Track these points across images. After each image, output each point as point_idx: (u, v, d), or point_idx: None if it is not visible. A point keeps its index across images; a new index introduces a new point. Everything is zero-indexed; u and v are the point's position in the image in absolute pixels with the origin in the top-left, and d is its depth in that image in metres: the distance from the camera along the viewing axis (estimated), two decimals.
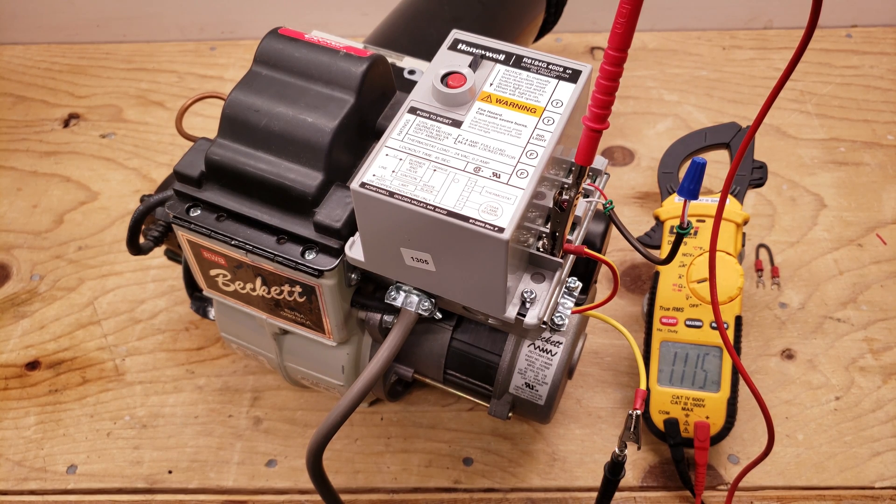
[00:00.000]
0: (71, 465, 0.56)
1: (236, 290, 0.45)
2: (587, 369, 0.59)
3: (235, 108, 0.41)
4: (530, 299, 0.37)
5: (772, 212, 0.68)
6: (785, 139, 0.74)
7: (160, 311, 0.63)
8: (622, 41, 0.29)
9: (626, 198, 0.70)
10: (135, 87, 0.81)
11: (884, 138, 0.73)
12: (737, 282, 0.52)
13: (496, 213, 0.33)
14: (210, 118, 0.75)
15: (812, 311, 0.62)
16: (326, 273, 0.39)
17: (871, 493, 0.53)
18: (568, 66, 0.39)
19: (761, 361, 0.59)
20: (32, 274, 0.66)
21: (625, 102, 0.77)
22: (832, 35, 0.83)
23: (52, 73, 0.84)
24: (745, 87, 0.78)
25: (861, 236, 0.66)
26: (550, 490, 0.54)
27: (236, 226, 0.41)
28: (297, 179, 0.39)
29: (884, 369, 0.58)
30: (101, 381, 0.60)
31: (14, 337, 0.63)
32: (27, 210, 0.71)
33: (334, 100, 0.40)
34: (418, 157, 0.35)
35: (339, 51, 0.41)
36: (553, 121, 0.37)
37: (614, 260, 0.65)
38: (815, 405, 0.57)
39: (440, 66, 0.38)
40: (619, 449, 0.41)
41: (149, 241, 0.50)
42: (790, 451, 0.55)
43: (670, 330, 0.53)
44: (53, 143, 0.76)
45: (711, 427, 0.52)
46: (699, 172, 0.31)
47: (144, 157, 0.75)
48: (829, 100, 0.77)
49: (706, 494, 0.53)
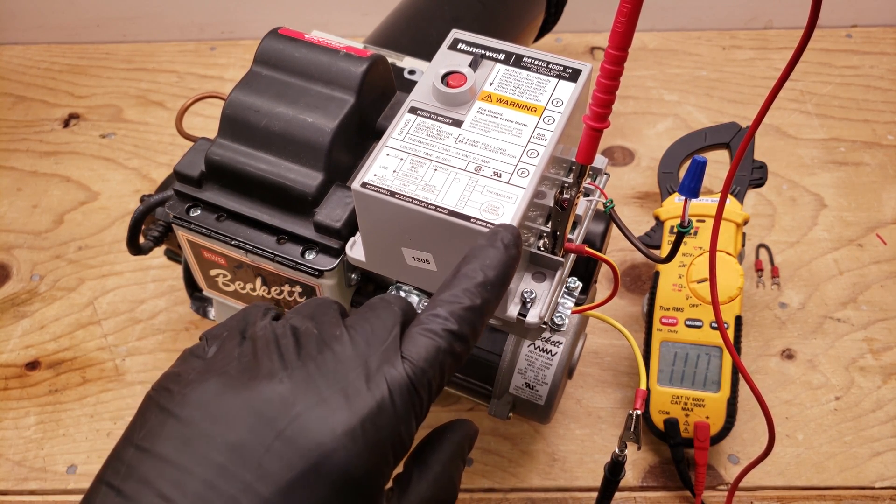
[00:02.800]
0: (71, 465, 0.56)
1: (236, 290, 0.45)
2: (587, 369, 0.59)
3: (235, 108, 0.41)
4: (531, 299, 0.37)
5: (772, 212, 0.68)
6: (785, 139, 0.74)
7: (160, 311, 0.63)
8: (622, 40, 0.29)
9: (626, 198, 0.70)
10: (135, 87, 0.81)
11: (884, 138, 0.73)
12: (737, 282, 0.52)
13: (497, 212, 0.33)
14: (210, 118, 0.75)
15: (812, 311, 0.62)
16: (326, 273, 0.39)
17: (871, 493, 0.53)
18: (568, 65, 0.39)
19: (761, 361, 0.59)
20: (32, 274, 0.66)
21: (625, 102, 0.77)
22: (832, 35, 0.83)
23: (52, 73, 0.84)
24: (745, 87, 0.78)
25: (861, 236, 0.66)
26: (550, 490, 0.54)
27: (236, 226, 0.41)
28: (297, 179, 0.39)
29: (884, 369, 0.58)
30: (101, 381, 0.60)
31: (14, 337, 0.63)
32: (27, 210, 0.71)
33: (334, 100, 0.40)
34: (419, 157, 0.35)
35: (339, 51, 0.41)
36: (553, 120, 0.37)
37: (614, 259, 0.65)
38: (815, 405, 0.57)
39: (440, 66, 0.38)
40: (619, 449, 0.41)
41: (149, 241, 0.50)
42: (790, 451, 0.55)
43: (670, 330, 0.53)
44: (53, 143, 0.76)
45: (711, 427, 0.52)
46: (700, 171, 0.31)
47: (144, 157, 0.75)
48: (829, 100, 0.77)
49: (706, 494, 0.53)
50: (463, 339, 0.28)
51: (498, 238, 0.30)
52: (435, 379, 0.27)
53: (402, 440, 0.26)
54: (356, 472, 0.25)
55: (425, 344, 0.27)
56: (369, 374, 0.26)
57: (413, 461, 0.30)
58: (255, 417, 0.25)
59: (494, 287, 0.28)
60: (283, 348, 0.27)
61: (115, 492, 0.25)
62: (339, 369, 0.26)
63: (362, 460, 0.25)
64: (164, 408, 0.26)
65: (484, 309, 0.28)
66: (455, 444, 0.31)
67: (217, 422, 0.25)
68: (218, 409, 0.26)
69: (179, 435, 0.25)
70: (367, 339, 0.27)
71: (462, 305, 0.28)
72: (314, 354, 0.27)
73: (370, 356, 0.27)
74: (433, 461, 0.30)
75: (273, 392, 0.26)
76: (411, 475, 0.30)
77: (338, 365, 0.26)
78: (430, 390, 0.27)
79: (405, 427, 0.26)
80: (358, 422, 0.25)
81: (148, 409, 0.27)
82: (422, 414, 0.27)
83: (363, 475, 0.25)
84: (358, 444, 0.25)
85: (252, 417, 0.25)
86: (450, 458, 0.31)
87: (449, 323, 0.27)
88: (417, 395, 0.26)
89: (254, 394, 0.26)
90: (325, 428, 0.25)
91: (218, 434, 0.25)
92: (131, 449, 0.26)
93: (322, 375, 0.26)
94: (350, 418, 0.25)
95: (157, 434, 0.26)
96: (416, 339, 0.27)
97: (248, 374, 0.27)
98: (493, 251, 0.29)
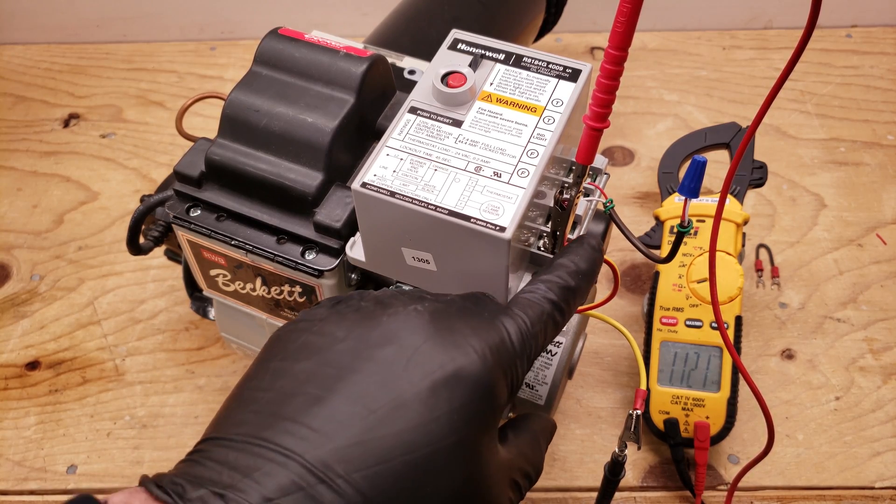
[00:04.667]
0: (71, 465, 0.56)
1: (236, 290, 0.45)
2: (587, 369, 0.59)
3: (235, 108, 0.41)
4: None
5: (772, 212, 0.68)
6: (785, 139, 0.74)
7: (160, 311, 0.63)
8: (622, 40, 0.29)
9: (626, 198, 0.70)
10: (135, 87, 0.81)
11: (884, 138, 0.73)
12: (737, 282, 0.52)
13: (497, 212, 0.33)
14: (210, 118, 0.75)
15: (812, 311, 0.62)
16: (326, 273, 0.39)
17: (871, 493, 0.53)
18: (568, 65, 0.39)
19: (761, 361, 0.59)
20: (32, 274, 0.66)
21: (625, 102, 0.77)
22: (832, 35, 0.83)
23: (52, 73, 0.84)
24: (745, 87, 0.78)
25: (861, 236, 0.66)
26: (550, 490, 0.54)
27: (236, 226, 0.41)
28: (297, 179, 0.39)
29: (884, 369, 0.58)
30: (101, 381, 0.60)
31: (14, 337, 0.63)
32: (27, 210, 0.71)
33: (334, 100, 0.40)
34: (419, 157, 0.35)
35: (339, 51, 0.41)
36: (553, 120, 0.37)
37: (614, 260, 0.65)
38: (815, 405, 0.57)
39: (440, 66, 0.38)
40: (619, 449, 0.41)
41: (149, 241, 0.50)
42: (790, 451, 0.55)
43: (670, 330, 0.53)
44: (53, 143, 0.76)
45: (711, 427, 0.52)
46: (700, 170, 0.31)
47: (144, 157, 0.75)
48: (829, 100, 0.77)
49: (706, 494, 0.53)
50: (560, 310, 0.32)
51: (585, 240, 0.35)
52: (540, 335, 0.31)
53: (517, 374, 0.30)
54: (489, 382, 0.28)
55: (532, 305, 0.32)
56: (492, 321, 0.30)
57: (507, 427, 0.34)
58: (392, 339, 0.29)
59: (585, 276, 0.34)
60: (411, 293, 0.32)
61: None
62: (465, 313, 0.31)
63: (493, 375, 0.29)
64: (302, 330, 0.30)
65: (576, 291, 0.33)
66: (541, 422, 0.36)
67: (360, 340, 0.29)
68: (358, 330, 0.29)
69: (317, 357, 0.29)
70: (482, 303, 0.32)
71: (559, 284, 0.33)
72: (434, 300, 0.31)
73: (489, 310, 0.31)
74: (524, 428, 0.35)
75: (410, 316, 0.29)
76: (507, 435, 0.33)
77: (463, 311, 0.31)
78: (536, 344, 0.31)
79: (521, 364, 0.30)
80: (487, 346, 0.29)
81: (278, 339, 0.31)
82: (529, 364, 0.31)
83: (494, 386, 0.29)
84: (488, 363, 0.29)
85: (391, 339, 0.29)
86: (539, 430, 0.35)
87: (551, 293, 0.32)
88: (528, 343, 0.31)
89: (391, 318, 0.29)
90: (461, 347, 0.28)
91: (362, 349, 0.28)
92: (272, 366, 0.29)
93: (451, 314, 0.30)
94: (480, 344, 0.29)
95: (292, 356, 0.29)
96: (524, 302, 0.32)
97: (381, 307, 0.30)
98: (582, 249, 0.34)
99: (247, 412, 0.28)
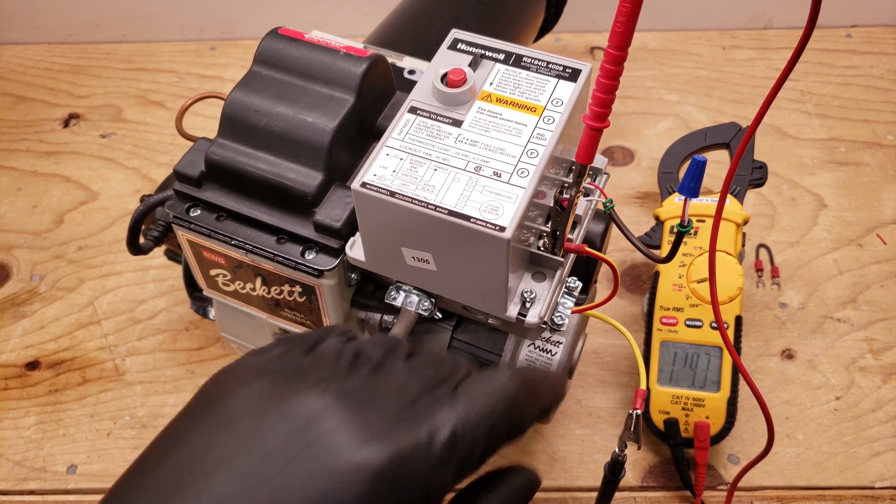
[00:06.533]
0: (71, 465, 0.56)
1: (236, 290, 0.45)
2: (587, 369, 0.59)
3: (235, 108, 0.41)
4: (531, 299, 0.37)
5: (772, 212, 0.68)
6: (785, 139, 0.74)
7: (160, 311, 0.63)
8: (622, 40, 0.29)
9: (626, 198, 0.70)
10: (135, 87, 0.81)
11: (884, 138, 0.73)
12: (737, 282, 0.52)
13: (497, 212, 0.33)
14: (210, 118, 0.75)
15: (812, 311, 0.62)
16: (326, 273, 0.39)
17: (871, 493, 0.53)
18: (568, 65, 0.39)
19: (761, 361, 0.59)
20: (32, 274, 0.66)
21: (625, 102, 0.77)
22: (832, 35, 0.83)
23: (52, 73, 0.84)
24: (745, 87, 0.78)
25: (861, 236, 0.66)
26: (550, 490, 0.54)
27: (236, 226, 0.41)
28: (297, 179, 0.39)
29: (884, 369, 0.58)
30: (101, 381, 0.60)
31: (14, 337, 0.63)
32: (27, 210, 0.71)
33: (334, 100, 0.40)
34: (419, 157, 0.35)
35: (339, 51, 0.41)
36: (553, 120, 0.37)
37: (614, 259, 0.65)
38: (815, 405, 0.57)
39: (440, 66, 0.38)
40: (619, 449, 0.41)
41: (149, 241, 0.50)
42: (790, 451, 0.55)
43: (670, 330, 0.53)
44: (53, 143, 0.76)
45: (711, 427, 0.52)
46: (699, 170, 0.31)
47: (144, 157, 0.75)
48: (829, 100, 0.77)
49: (706, 494, 0.53)
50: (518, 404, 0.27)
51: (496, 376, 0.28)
52: (482, 437, 0.25)
53: (430, 490, 0.24)
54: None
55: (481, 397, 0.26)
56: (415, 412, 0.25)
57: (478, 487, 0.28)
58: (290, 424, 0.24)
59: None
60: (339, 363, 0.27)
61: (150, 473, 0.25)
62: (383, 396, 0.25)
63: (376, 498, 0.23)
64: (213, 396, 0.26)
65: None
66: (512, 491, 0.28)
67: (259, 422, 0.25)
68: (262, 409, 0.25)
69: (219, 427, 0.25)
70: (423, 380, 0.26)
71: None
72: (365, 375, 0.26)
73: (421, 395, 0.26)
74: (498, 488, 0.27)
75: (313, 401, 0.25)
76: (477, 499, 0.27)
77: (384, 392, 0.26)
78: (476, 447, 0.25)
79: (438, 476, 0.24)
80: (387, 456, 0.23)
81: (198, 397, 0.27)
82: (465, 469, 0.25)
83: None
84: (380, 482, 0.23)
85: (288, 424, 0.24)
86: (517, 490, 0.28)
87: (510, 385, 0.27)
88: (461, 446, 0.25)
89: (296, 400, 0.25)
90: (349, 453, 0.23)
91: (255, 435, 0.24)
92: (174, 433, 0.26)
93: (365, 397, 0.25)
94: (379, 450, 0.23)
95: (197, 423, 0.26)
96: (473, 393, 0.26)
97: (298, 379, 0.26)
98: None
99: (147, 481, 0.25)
